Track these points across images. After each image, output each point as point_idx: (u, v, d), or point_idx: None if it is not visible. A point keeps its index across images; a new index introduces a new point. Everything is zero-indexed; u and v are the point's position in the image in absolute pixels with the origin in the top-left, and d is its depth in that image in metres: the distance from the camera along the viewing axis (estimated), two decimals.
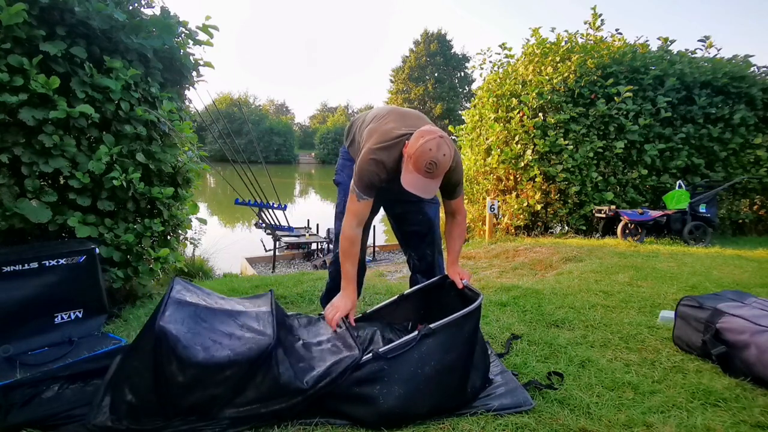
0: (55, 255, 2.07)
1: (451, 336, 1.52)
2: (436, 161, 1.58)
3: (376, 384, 1.42)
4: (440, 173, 1.63)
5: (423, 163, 1.58)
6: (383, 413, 1.39)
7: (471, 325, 1.57)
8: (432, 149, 1.58)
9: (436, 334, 1.50)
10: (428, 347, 1.48)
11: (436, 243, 2.15)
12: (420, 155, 1.59)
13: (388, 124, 1.81)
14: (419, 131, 1.65)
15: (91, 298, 2.22)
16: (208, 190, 15.82)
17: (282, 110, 58.60)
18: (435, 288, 1.99)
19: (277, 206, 5.89)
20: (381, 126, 1.82)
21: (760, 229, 6.38)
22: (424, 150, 1.58)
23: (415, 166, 1.61)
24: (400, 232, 2.20)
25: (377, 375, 1.43)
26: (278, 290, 2.90)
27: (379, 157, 1.72)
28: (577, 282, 3.14)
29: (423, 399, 1.44)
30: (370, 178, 1.73)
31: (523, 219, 5.79)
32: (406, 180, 1.64)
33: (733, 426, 1.43)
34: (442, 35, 38.93)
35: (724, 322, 1.81)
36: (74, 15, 2.18)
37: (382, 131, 1.79)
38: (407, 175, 1.64)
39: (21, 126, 2.05)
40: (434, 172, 1.61)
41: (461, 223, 1.98)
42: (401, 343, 1.47)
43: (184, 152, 2.93)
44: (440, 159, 1.59)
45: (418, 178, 1.62)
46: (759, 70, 6.29)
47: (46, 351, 1.99)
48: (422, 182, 1.62)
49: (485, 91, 6.48)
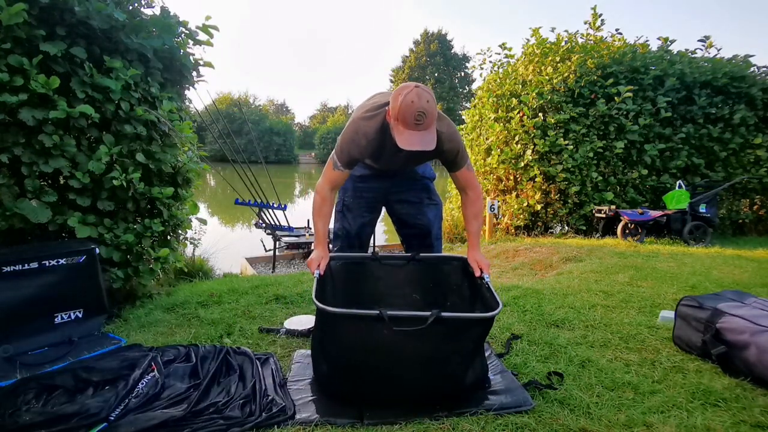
0: (55, 255, 2.07)
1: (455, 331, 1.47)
2: (423, 110, 1.56)
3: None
4: (431, 121, 1.60)
5: (411, 117, 1.56)
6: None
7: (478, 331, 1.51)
8: (414, 100, 1.56)
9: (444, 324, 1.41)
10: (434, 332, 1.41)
11: (435, 245, 2.15)
12: (404, 110, 1.57)
13: (370, 101, 1.85)
14: (395, 91, 1.64)
15: (91, 298, 2.22)
16: (208, 190, 15.81)
17: (282, 110, 58.60)
18: (447, 264, 1.94)
19: (277, 206, 5.88)
20: (364, 104, 1.86)
21: (760, 229, 6.37)
22: (406, 103, 1.56)
23: (404, 124, 1.59)
24: (401, 233, 2.22)
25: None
26: (278, 290, 2.90)
27: (360, 127, 1.75)
28: (577, 282, 3.14)
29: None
30: (350, 147, 1.75)
31: (523, 219, 5.79)
32: (401, 141, 1.60)
33: (733, 426, 1.43)
34: (443, 35, 38.96)
35: (724, 322, 1.81)
36: (74, 15, 2.18)
37: (364, 106, 1.83)
38: (400, 136, 1.60)
39: (21, 126, 2.05)
40: (424, 122, 1.58)
41: (475, 200, 1.89)
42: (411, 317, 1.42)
43: (184, 152, 2.93)
44: (425, 106, 1.56)
45: (412, 134, 1.59)
46: (759, 70, 6.28)
47: (46, 351, 1.99)
48: (417, 136, 1.59)
49: (485, 91, 6.48)
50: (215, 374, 1.72)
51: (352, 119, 1.82)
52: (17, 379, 1.68)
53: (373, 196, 2.10)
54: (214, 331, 2.22)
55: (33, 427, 1.35)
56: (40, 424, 1.36)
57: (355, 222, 2.10)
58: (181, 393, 1.58)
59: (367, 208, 2.11)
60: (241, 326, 2.29)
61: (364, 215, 2.11)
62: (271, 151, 30.84)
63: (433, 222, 2.12)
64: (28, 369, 1.79)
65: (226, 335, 2.18)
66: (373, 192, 2.10)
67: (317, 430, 1.40)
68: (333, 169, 1.81)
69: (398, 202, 2.12)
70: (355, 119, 1.79)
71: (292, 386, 1.67)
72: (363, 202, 2.09)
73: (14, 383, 1.61)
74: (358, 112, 1.83)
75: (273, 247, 5.83)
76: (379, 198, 2.12)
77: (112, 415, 1.40)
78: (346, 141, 1.77)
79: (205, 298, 2.73)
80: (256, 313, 2.50)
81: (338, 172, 1.81)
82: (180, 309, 2.56)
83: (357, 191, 2.09)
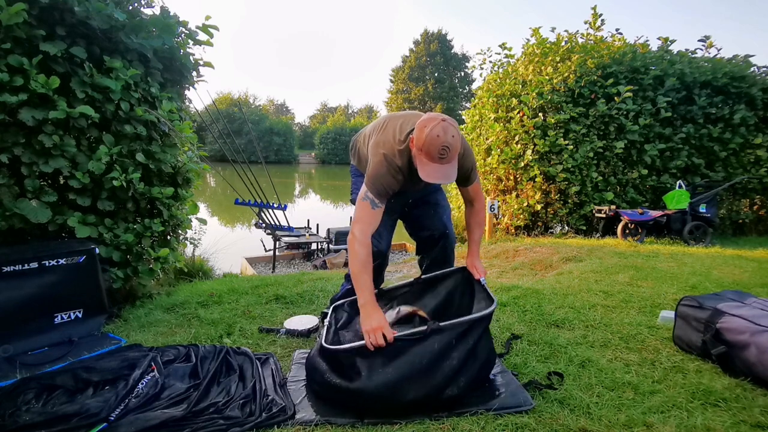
0: (55, 255, 2.07)
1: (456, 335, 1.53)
2: (447, 145, 1.57)
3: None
4: (454, 156, 1.62)
5: (435, 151, 1.57)
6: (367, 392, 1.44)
7: (479, 330, 1.58)
8: (440, 135, 1.56)
9: (443, 332, 1.52)
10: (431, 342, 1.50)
11: (449, 247, 2.13)
12: (430, 144, 1.57)
13: (389, 131, 1.80)
14: (420, 121, 1.64)
15: (91, 298, 2.22)
16: (208, 190, 15.82)
17: (282, 110, 58.63)
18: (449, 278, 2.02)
19: (277, 206, 5.89)
20: (385, 136, 1.80)
21: (760, 229, 6.37)
22: (431, 137, 1.57)
23: (428, 157, 1.59)
24: (415, 235, 2.20)
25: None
26: (278, 290, 2.90)
27: (392, 162, 1.72)
28: (577, 282, 3.14)
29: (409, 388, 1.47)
30: (387, 182, 1.72)
31: (523, 219, 5.79)
32: (424, 173, 1.61)
33: (733, 426, 1.43)
34: (443, 35, 38.95)
35: (724, 322, 1.81)
36: (74, 15, 2.18)
37: (387, 140, 1.77)
38: (423, 167, 1.61)
39: (21, 126, 2.05)
40: (448, 156, 1.59)
41: (480, 210, 2.01)
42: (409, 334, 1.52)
43: (184, 152, 2.93)
44: (450, 141, 1.58)
45: (435, 168, 1.60)
46: (759, 70, 6.28)
47: (46, 351, 2.00)
48: (441, 170, 1.60)
49: (485, 91, 6.48)
50: (215, 374, 1.72)
51: (377, 154, 1.73)
52: (17, 379, 1.68)
53: (393, 209, 2.06)
54: (214, 331, 2.22)
55: (33, 427, 1.35)
56: (40, 424, 1.36)
57: (383, 241, 2.03)
58: (181, 393, 1.58)
59: (390, 224, 2.08)
60: (241, 326, 2.29)
61: (390, 231, 2.08)
62: (271, 151, 30.85)
63: (447, 223, 2.11)
64: (28, 369, 1.79)
65: (226, 335, 2.18)
66: (393, 206, 2.04)
67: (317, 430, 1.40)
68: (372, 209, 1.72)
69: (414, 206, 2.11)
70: (384, 155, 1.72)
71: (292, 386, 1.67)
72: (387, 218, 2.00)
73: (14, 383, 1.62)
74: (384, 147, 1.75)
75: (273, 247, 5.83)
76: (398, 211, 2.11)
77: (112, 415, 1.40)
78: (379, 177, 1.71)
79: (205, 298, 2.73)
80: (256, 313, 2.50)
81: (377, 210, 1.73)
82: (180, 309, 2.56)
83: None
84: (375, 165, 1.74)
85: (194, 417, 1.45)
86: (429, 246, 2.15)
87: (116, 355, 1.83)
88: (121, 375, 1.64)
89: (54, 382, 1.60)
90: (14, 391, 1.54)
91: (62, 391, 1.57)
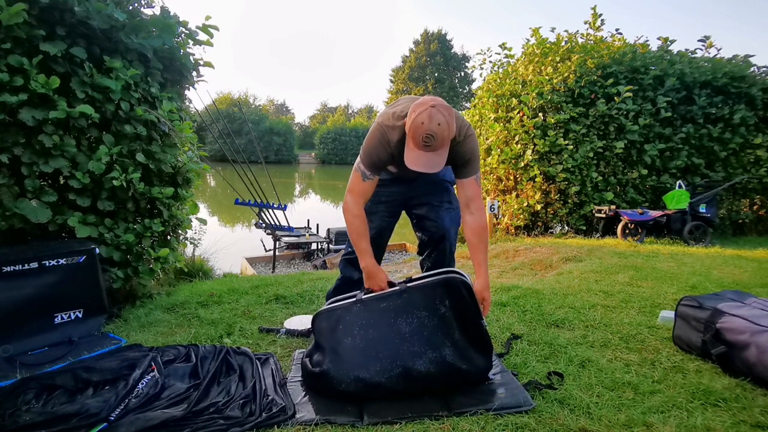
0: (55, 255, 2.07)
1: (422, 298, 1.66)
2: (431, 133, 1.51)
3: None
4: (440, 144, 1.55)
5: (419, 138, 1.53)
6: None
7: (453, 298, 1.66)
8: (424, 122, 1.51)
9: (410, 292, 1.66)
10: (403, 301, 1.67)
11: (449, 250, 2.11)
12: (415, 130, 1.54)
13: (394, 108, 1.78)
14: (413, 105, 1.59)
15: (91, 298, 2.22)
16: (208, 190, 15.81)
17: (282, 110, 58.60)
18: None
19: (277, 206, 5.89)
20: (389, 110, 1.79)
21: (760, 229, 6.38)
22: (416, 124, 1.53)
23: (413, 142, 1.56)
24: (418, 236, 2.18)
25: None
26: (278, 290, 2.90)
27: (386, 132, 1.70)
28: (577, 282, 3.14)
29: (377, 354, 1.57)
30: (377, 151, 1.71)
31: (523, 219, 5.79)
32: (408, 158, 1.58)
33: (733, 426, 1.43)
34: (443, 35, 38.96)
35: (724, 322, 1.81)
36: (74, 15, 2.18)
37: (388, 114, 1.76)
38: (408, 153, 1.59)
39: (21, 126, 2.05)
40: (433, 145, 1.53)
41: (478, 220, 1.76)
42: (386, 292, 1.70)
43: (184, 152, 2.93)
44: (435, 129, 1.51)
45: (419, 155, 1.56)
46: (759, 70, 6.29)
47: (46, 351, 2.00)
48: (424, 158, 1.56)
49: (485, 91, 6.48)
50: (215, 374, 1.71)
51: (377, 124, 1.75)
52: (17, 379, 1.68)
53: (393, 200, 2.05)
54: (214, 331, 2.22)
55: (33, 427, 1.35)
56: (40, 424, 1.36)
57: (374, 227, 2.01)
58: (181, 393, 1.58)
59: (386, 213, 2.06)
60: (241, 326, 2.29)
61: (384, 220, 2.06)
62: (271, 151, 30.83)
63: (449, 227, 2.06)
64: (28, 369, 1.79)
65: (226, 335, 2.18)
66: (392, 196, 2.04)
67: (317, 429, 1.40)
68: (362, 181, 1.74)
69: (418, 205, 2.07)
70: (380, 124, 1.73)
71: (292, 386, 1.67)
72: (382, 207, 2.03)
73: (14, 383, 1.61)
74: (382, 117, 1.76)
75: (273, 247, 5.83)
76: (399, 202, 2.07)
77: (112, 415, 1.40)
78: (371, 145, 1.72)
79: (205, 298, 2.73)
80: (256, 313, 2.50)
81: (368, 182, 1.74)
82: (180, 309, 2.56)
83: (377, 196, 1.98)
84: (370, 134, 1.74)
85: (194, 417, 1.45)
86: (428, 247, 2.14)
87: (116, 355, 1.83)
88: (121, 375, 1.64)
89: (54, 382, 1.60)
90: (14, 391, 1.54)
91: (62, 391, 1.57)
